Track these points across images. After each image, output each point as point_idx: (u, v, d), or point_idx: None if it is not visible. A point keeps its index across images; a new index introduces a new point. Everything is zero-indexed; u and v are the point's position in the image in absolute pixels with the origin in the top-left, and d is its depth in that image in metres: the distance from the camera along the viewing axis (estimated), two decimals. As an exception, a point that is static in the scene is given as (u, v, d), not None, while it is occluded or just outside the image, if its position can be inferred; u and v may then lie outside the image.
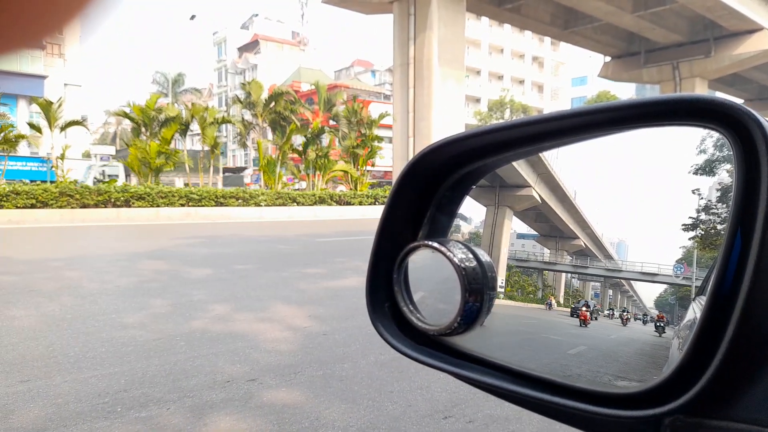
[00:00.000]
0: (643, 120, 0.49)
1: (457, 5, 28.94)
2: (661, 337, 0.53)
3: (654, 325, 0.54)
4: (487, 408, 3.00)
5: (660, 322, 0.53)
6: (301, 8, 76.58)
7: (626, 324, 0.56)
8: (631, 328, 0.55)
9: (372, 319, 0.64)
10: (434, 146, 0.62)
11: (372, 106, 37.83)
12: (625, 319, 0.57)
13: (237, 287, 6.71)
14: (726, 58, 36.93)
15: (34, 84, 33.27)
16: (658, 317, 0.54)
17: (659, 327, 0.53)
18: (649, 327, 0.53)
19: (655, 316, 0.54)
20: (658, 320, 0.54)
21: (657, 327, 0.53)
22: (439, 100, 27.92)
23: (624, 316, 0.57)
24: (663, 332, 0.53)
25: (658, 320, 0.54)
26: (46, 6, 0.24)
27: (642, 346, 0.53)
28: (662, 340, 0.52)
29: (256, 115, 30.96)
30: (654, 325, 0.54)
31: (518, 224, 0.67)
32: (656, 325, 0.54)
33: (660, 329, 0.53)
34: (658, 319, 0.54)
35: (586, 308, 0.58)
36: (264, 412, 2.95)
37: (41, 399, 3.07)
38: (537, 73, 67.92)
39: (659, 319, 0.54)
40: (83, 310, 5.29)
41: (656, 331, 0.53)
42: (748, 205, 0.42)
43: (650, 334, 0.53)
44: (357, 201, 25.72)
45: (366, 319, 0.64)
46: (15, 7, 0.23)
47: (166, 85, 55.00)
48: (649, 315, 0.54)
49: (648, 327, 0.53)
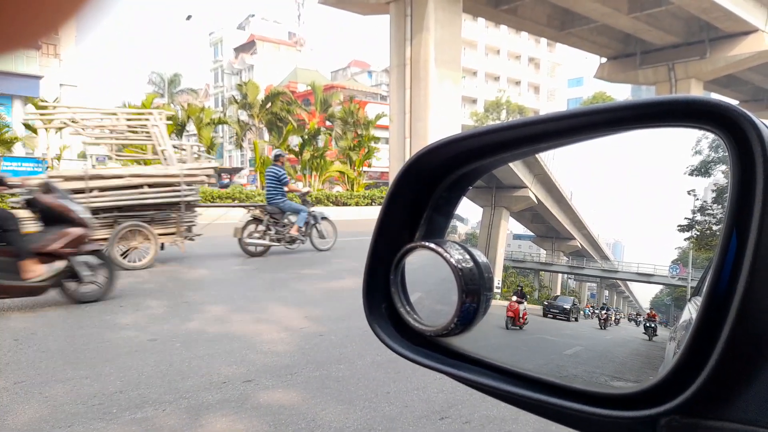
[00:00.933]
0: (639, 121, 0.50)
1: (454, 6, 28.95)
2: (652, 341, 0.53)
3: (644, 326, 0.54)
4: (483, 409, 3.00)
5: (650, 322, 0.53)
6: (297, 9, 76.78)
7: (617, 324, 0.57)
8: (627, 328, 0.55)
9: (369, 320, 0.64)
10: (431, 147, 0.62)
11: (369, 106, 37.81)
12: (615, 321, 0.57)
13: (233, 288, 6.70)
14: (721, 60, 37.05)
15: (30, 84, 33.09)
16: (649, 315, 0.54)
17: (648, 328, 0.53)
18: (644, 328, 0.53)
19: (645, 316, 0.54)
20: (648, 320, 0.54)
21: (646, 329, 0.53)
22: (436, 101, 27.91)
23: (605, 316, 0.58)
24: (654, 334, 0.53)
25: (648, 320, 0.54)
26: (42, 7, 0.24)
27: (638, 346, 0.54)
28: (658, 340, 0.52)
29: (252, 115, 30.93)
30: (643, 326, 0.54)
31: (515, 225, 0.67)
32: (645, 326, 0.54)
33: (650, 330, 0.53)
34: (648, 319, 0.54)
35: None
36: (260, 413, 2.94)
37: (36, 400, 3.06)
38: (533, 74, 68.04)
39: (649, 318, 0.54)
40: (78, 311, 5.27)
41: (645, 333, 0.53)
42: (743, 206, 0.42)
43: (644, 334, 0.53)
44: (353, 202, 25.69)
45: (363, 320, 0.64)
46: (10, 8, 0.23)
47: (162, 86, 54.84)
48: (643, 315, 0.54)
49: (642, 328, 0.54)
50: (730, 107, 0.43)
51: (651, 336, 0.53)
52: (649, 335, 0.53)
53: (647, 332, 0.53)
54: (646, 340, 0.52)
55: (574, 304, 0.61)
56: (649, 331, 0.53)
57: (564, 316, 0.61)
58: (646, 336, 0.53)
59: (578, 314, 0.59)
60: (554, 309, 0.62)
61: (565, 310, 0.62)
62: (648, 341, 0.52)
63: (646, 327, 0.54)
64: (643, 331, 0.54)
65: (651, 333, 0.53)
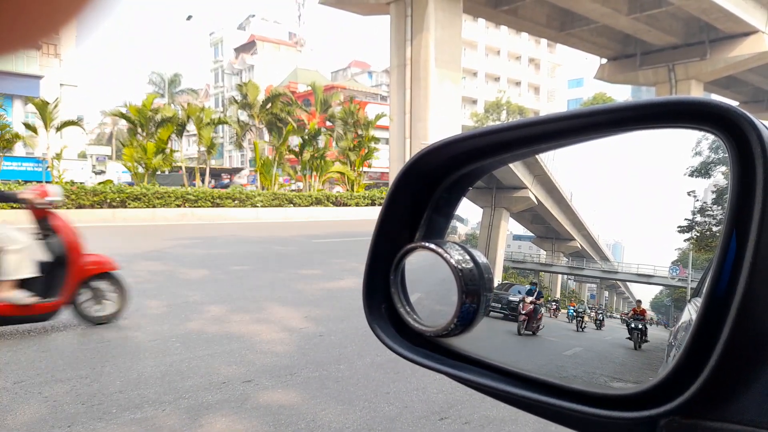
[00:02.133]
0: (639, 122, 0.50)
1: (454, 7, 29.00)
2: (641, 348, 0.52)
3: (628, 327, 0.53)
4: (483, 409, 3.00)
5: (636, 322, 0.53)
6: (298, 9, 76.78)
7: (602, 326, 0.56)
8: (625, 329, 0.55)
9: (369, 320, 0.64)
10: (432, 148, 0.62)
11: (369, 107, 37.79)
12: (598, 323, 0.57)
13: (233, 288, 6.70)
14: (721, 61, 37.11)
15: (30, 84, 33.13)
16: (635, 312, 0.53)
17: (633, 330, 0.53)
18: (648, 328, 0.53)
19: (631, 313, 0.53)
20: (633, 316, 0.53)
21: (631, 331, 0.53)
22: (436, 102, 27.95)
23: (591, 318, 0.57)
24: (644, 336, 0.52)
25: (633, 316, 0.53)
26: (43, 8, 0.24)
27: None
28: (658, 342, 0.52)
29: (252, 116, 30.90)
30: (627, 328, 0.53)
31: (515, 226, 0.67)
32: (630, 328, 0.53)
33: (635, 334, 0.52)
34: (633, 317, 0.53)
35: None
36: (260, 413, 2.94)
37: (35, 400, 3.06)
38: (533, 74, 68.05)
39: (635, 315, 0.53)
40: (78, 311, 5.26)
41: (629, 338, 0.53)
42: (743, 207, 0.42)
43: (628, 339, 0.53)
44: (353, 202, 25.70)
45: (362, 320, 0.64)
46: (11, 9, 0.23)
47: (162, 86, 54.91)
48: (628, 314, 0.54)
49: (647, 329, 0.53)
50: (730, 108, 0.43)
51: (636, 342, 0.51)
52: (634, 340, 0.52)
53: (632, 336, 0.52)
54: (647, 340, 0.52)
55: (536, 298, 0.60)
56: (634, 335, 0.52)
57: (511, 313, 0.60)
58: (631, 341, 0.52)
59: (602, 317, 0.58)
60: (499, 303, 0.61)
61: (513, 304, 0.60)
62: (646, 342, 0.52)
63: (630, 329, 0.52)
64: (627, 336, 0.52)
65: (637, 338, 0.52)
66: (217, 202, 21.67)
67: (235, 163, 62.26)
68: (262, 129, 32.23)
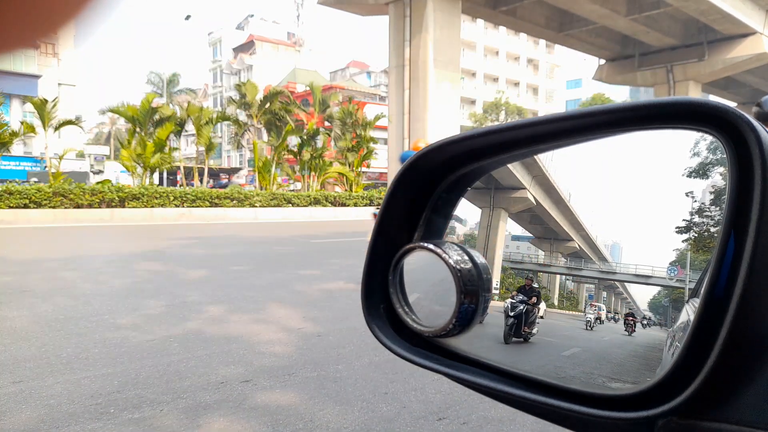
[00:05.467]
0: (637, 123, 0.50)
1: (453, 8, 28.99)
2: (632, 336, 0.54)
3: (623, 322, 0.55)
4: (481, 409, 3.00)
5: (629, 321, 0.54)
6: (296, 9, 76.59)
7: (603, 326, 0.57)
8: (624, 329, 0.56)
9: (367, 320, 0.64)
10: (430, 148, 0.62)
11: (367, 107, 37.78)
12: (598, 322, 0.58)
13: (231, 288, 6.69)
14: (719, 62, 37.14)
15: (28, 83, 33.11)
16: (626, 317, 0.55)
17: (629, 325, 0.54)
18: (646, 329, 0.54)
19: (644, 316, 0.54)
20: (626, 319, 0.54)
21: (626, 325, 0.54)
22: (435, 102, 27.94)
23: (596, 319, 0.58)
24: (633, 330, 0.54)
25: (626, 319, 0.54)
26: (42, 7, 0.24)
27: (636, 347, 0.54)
28: (656, 342, 0.52)
29: (251, 115, 30.88)
30: (623, 322, 0.55)
31: (513, 226, 0.67)
32: (625, 323, 0.54)
33: (629, 327, 0.54)
34: (626, 318, 0.54)
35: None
36: (258, 413, 2.94)
37: (33, 400, 3.05)
38: (532, 75, 68.12)
39: (627, 317, 0.54)
40: (76, 311, 5.26)
41: (626, 330, 0.54)
42: (741, 207, 0.42)
43: (644, 335, 0.53)
44: (352, 202, 25.70)
45: (361, 320, 0.64)
46: (10, 8, 0.23)
47: (160, 86, 54.82)
48: (640, 316, 0.55)
49: (644, 329, 0.54)
50: (728, 109, 0.43)
51: (630, 332, 0.54)
52: (628, 331, 0.54)
53: (627, 329, 0.54)
54: (646, 341, 0.53)
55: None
56: (628, 328, 0.54)
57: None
58: (626, 332, 0.54)
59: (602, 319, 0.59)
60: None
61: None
62: (645, 343, 0.53)
63: (626, 324, 0.55)
64: (623, 331, 0.54)
65: (630, 329, 0.54)
66: (216, 202, 21.65)
67: (233, 163, 62.19)
68: (261, 129, 32.23)
